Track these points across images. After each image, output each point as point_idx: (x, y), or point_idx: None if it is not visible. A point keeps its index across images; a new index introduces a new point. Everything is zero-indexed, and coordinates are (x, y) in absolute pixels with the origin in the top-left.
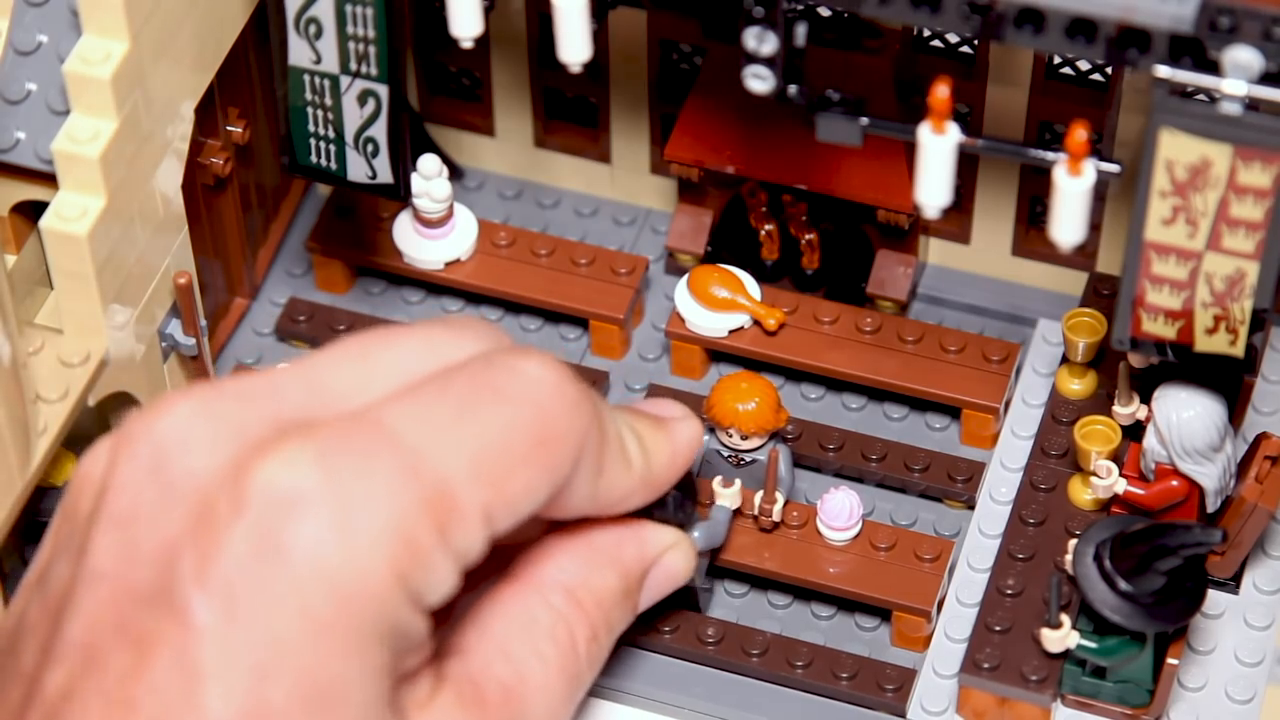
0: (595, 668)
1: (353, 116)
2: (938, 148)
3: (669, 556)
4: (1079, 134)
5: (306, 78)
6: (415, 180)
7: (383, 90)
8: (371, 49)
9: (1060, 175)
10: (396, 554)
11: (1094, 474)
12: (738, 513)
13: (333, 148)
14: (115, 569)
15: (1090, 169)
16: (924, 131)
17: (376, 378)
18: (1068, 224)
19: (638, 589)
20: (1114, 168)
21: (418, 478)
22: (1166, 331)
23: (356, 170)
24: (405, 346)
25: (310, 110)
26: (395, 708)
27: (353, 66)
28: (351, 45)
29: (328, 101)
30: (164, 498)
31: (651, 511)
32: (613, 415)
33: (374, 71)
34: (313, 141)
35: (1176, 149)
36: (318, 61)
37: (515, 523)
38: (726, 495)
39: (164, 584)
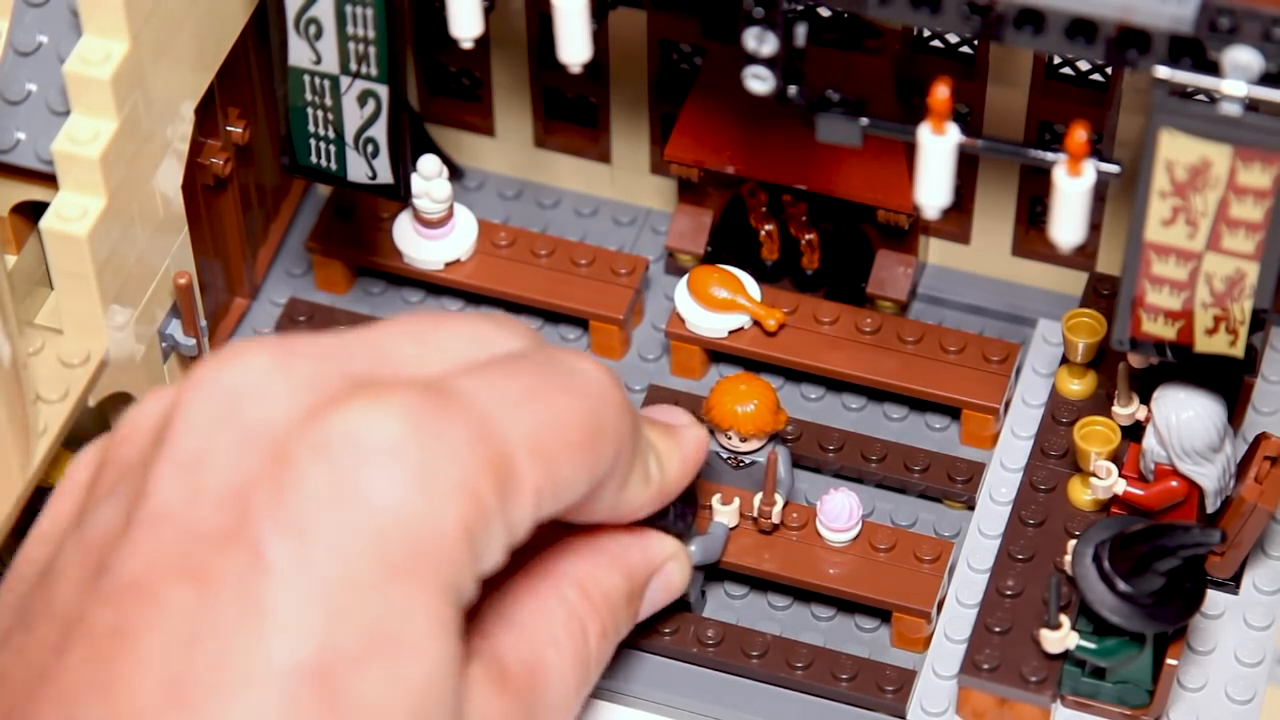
0: (601, 666)
1: (353, 117)
2: (938, 148)
3: (669, 566)
4: (1079, 134)
5: (306, 78)
6: (415, 180)
7: (383, 90)
8: (371, 49)
9: (1060, 175)
10: (467, 511)
11: (1094, 474)
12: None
13: (333, 148)
14: (180, 510)
15: (1090, 169)
16: (924, 132)
17: (433, 356)
18: (1068, 224)
19: (640, 595)
20: (1114, 168)
21: (487, 442)
22: (1166, 332)
23: (356, 170)
24: (457, 332)
25: (310, 110)
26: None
27: (353, 67)
28: (351, 45)
29: (328, 102)
30: (236, 443)
31: (653, 520)
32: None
33: (374, 72)
34: (313, 142)
35: (1176, 149)
36: (318, 62)
37: (553, 511)
38: (725, 512)
39: (234, 524)
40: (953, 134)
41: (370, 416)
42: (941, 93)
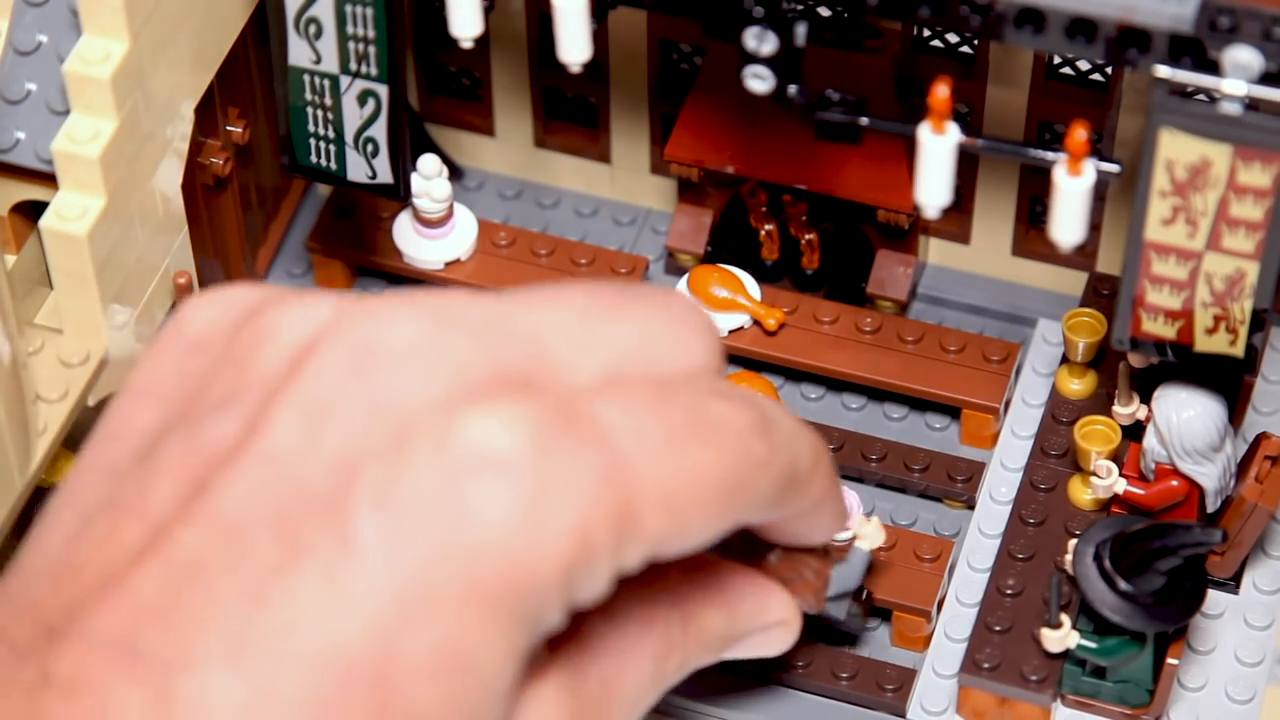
0: (663, 692)
1: (352, 116)
2: (938, 148)
3: (775, 630)
4: (1079, 134)
5: (306, 78)
6: (415, 180)
7: (383, 90)
8: (371, 49)
9: (1060, 175)
10: (574, 551)
11: (1094, 474)
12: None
13: (333, 148)
14: (291, 458)
15: (1090, 169)
16: (924, 131)
17: (593, 352)
18: (1068, 224)
19: (733, 644)
20: (1114, 168)
21: (616, 485)
22: (1166, 331)
23: (356, 170)
24: (630, 331)
25: (310, 110)
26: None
27: (353, 66)
28: (351, 45)
29: (328, 101)
30: (364, 406)
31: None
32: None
33: (374, 71)
34: (313, 141)
35: (1176, 149)
36: (318, 61)
37: (677, 552)
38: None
39: (338, 493)
40: (953, 133)
41: (502, 425)
42: (941, 92)
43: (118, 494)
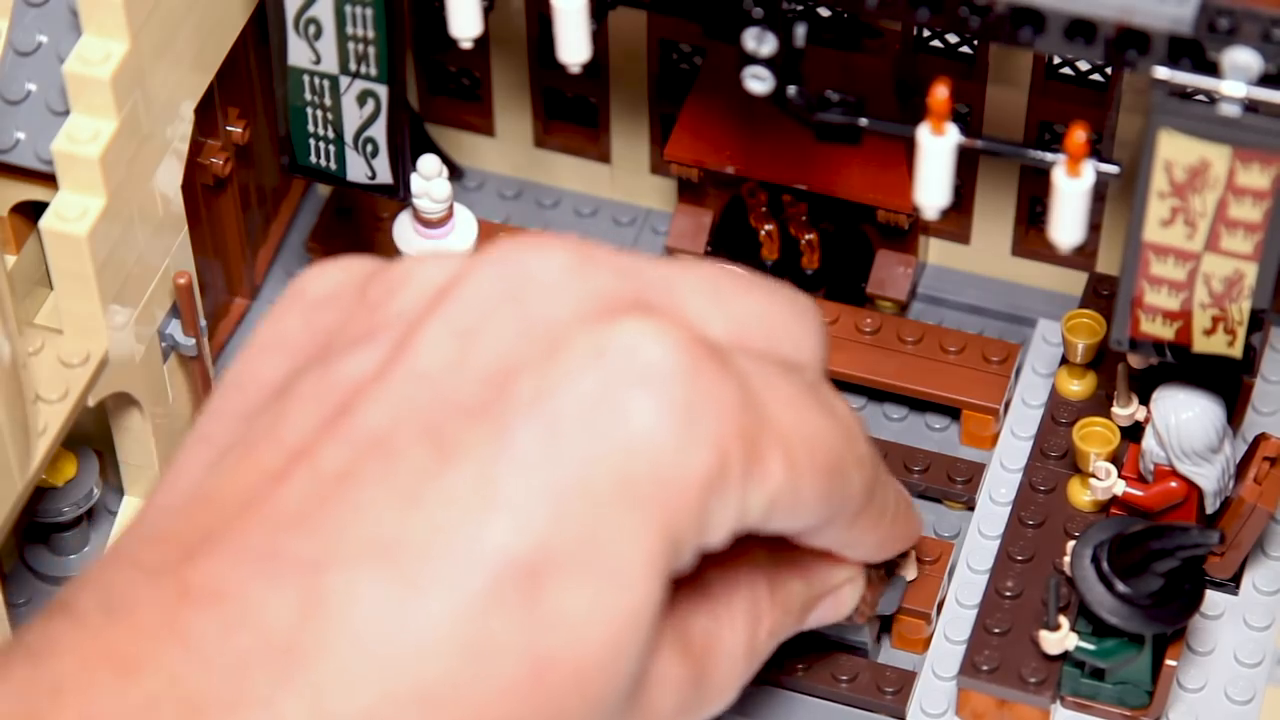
0: (761, 662)
1: (352, 117)
2: (937, 148)
3: (844, 589)
4: (1078, 135)
5: (306, 78)
6: (415, 180)
7: (382, 90)
8: (371, 49)
9: (1059, 176)
10: (715, 466)
11: (1093, 475)
12: None
13: (332, 148)
14: (441, 374)
15: (1089, 170)
16: (923, 132)
17: (721, 315)
18: (1067, 225)
19: (813, 608)
20: (1113, 169)
21: (752, 414)
22: (1164, 332)
23: (356, 170)
24: (754, 308)
25: (310, 110)
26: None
27: (352, 67)
28: (351, 45)
29: (327, 102)
30: (514, 325)
31: None
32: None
33: (373, 72)
34: (312, 141)
35: (1175, 150)
36: (317, 62)
37: (779, 527)
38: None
39: (491, 402)
40: (952, 134)
41: (655, 339)
42: (941, 93)
43: (250, 432)
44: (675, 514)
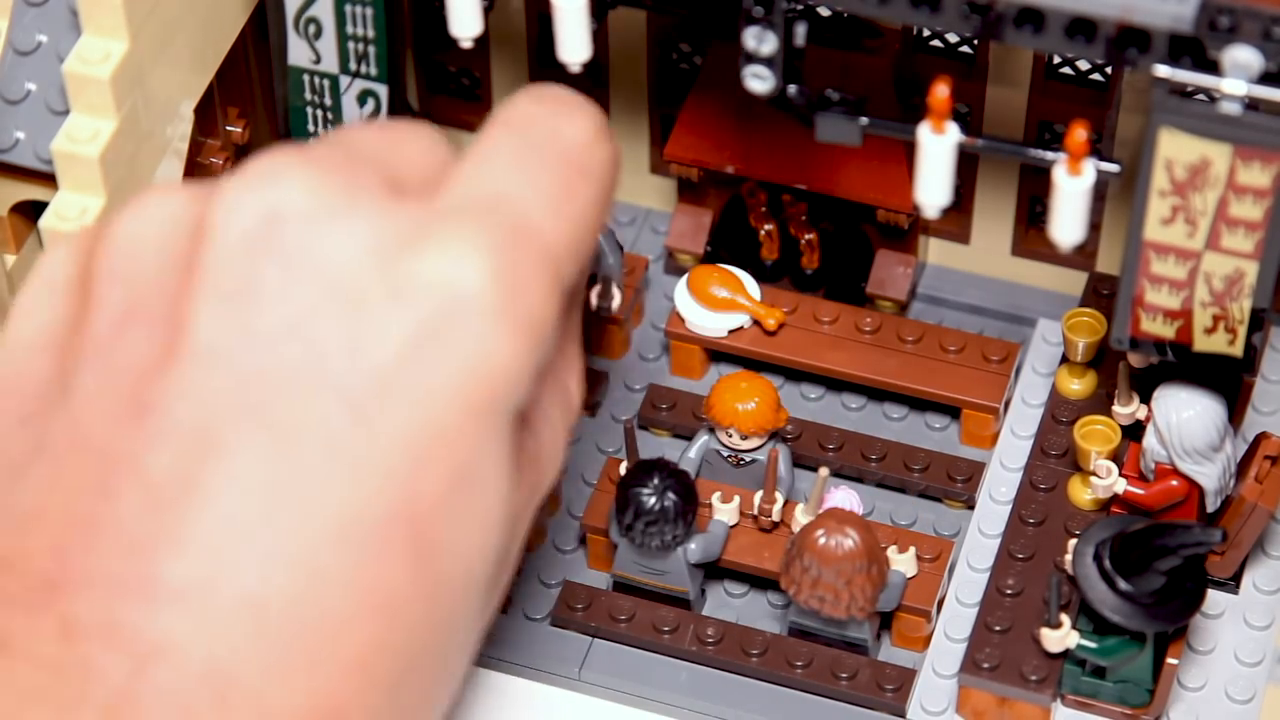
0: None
1: (352, 116)
2: (937, 148)
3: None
4: (1078, 134)
5: (306, 77)
6: None
7: (382, 90)
8: (371, 49)
9: (1060, 175)
10: (538, 341)
11: (1094, 474)
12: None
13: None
14: (232, 349)
15: (1090, 169)
16: (923, 131)
17: (435, 163)
18: (1067, 224)
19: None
20: (1113, 167)
21: (548, 263)
22: (1165, 331)
23: None
24: (416, 140)
25: (310, 110)
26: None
27: (352, 66)
28: (351, 45)
29: (327, 101)
30: (285, 276)
31: (636, 487)
32: None
33: (373, 71)
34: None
35: (1176, 148)
36: (317, 61)
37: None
38: (725, 510)
39: (303, 368)
40: (952, 133)
41: (453, 259)
42: (941, 92)
43: (44, 439)
44: (515, 398)
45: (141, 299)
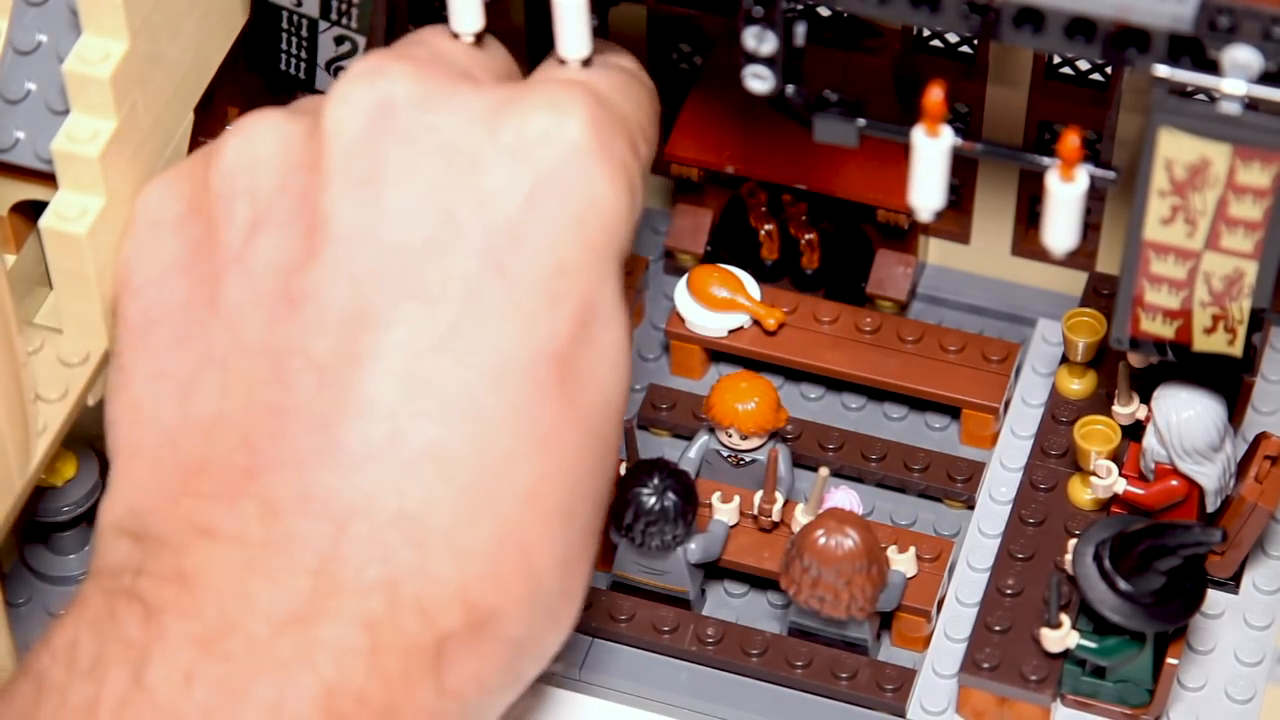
0: None
1: (327, 50)
2: (931, 151)
3: None
4: (1071, 140)
5: (285, 13)
6: None
7: (361, 40)
8: (355, 9)
9: (1053, 180)
10: (632, 186)
11: (1094, 474)
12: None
13: (303, 64)
14: (370, 229)
15: (1084, 175)
16: (918, 134)
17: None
18: (1060, 230)
19: None
20: (1109, 174)
21: (626, 127)
22: (1165, 331)
23: (325, 80)
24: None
25: (285, 36)
26: None
27: (333, 18)
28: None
29: (303, 35)
30: (410, 153)
31: (637, 486)
32: None
33: (354, 26)
34: (284, 55)
35: (1176, 148)
36: (299, 4)
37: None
38: (725, 510)
39: (440, 232)
40: (946, 137)
41: (556, 115)
42: (935, 95)
43: (206, 353)
44: (624, 239)
45: (267, 208)
